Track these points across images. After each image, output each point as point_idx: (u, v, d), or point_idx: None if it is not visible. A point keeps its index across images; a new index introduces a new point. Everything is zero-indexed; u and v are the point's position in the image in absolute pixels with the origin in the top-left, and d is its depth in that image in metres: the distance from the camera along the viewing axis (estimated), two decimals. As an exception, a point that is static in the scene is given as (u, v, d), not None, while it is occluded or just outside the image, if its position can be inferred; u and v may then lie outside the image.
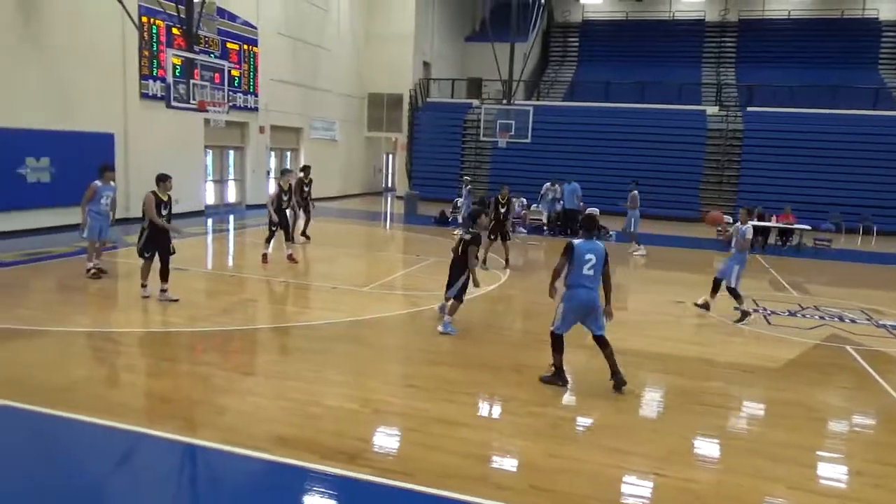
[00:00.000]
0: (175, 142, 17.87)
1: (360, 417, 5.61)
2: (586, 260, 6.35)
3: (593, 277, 6.41)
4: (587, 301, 6.46)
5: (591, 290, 6.46)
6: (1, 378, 6.00)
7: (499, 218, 13.07)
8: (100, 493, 4.45)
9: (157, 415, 5.56)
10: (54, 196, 14.61)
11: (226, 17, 19.53)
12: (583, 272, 6.39)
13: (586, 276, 6.40)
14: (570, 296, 6.50)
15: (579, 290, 6.44)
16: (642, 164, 24.99)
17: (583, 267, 6.38)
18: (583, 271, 6.39)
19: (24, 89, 13.88)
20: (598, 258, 6.40)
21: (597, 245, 6.49)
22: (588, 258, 6.35)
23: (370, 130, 30.06)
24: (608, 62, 34.35)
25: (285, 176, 12.86)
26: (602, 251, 6.46)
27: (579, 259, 6.38)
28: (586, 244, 6.46)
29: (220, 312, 8.97)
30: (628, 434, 5.55)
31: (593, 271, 6.39)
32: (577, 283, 6.43)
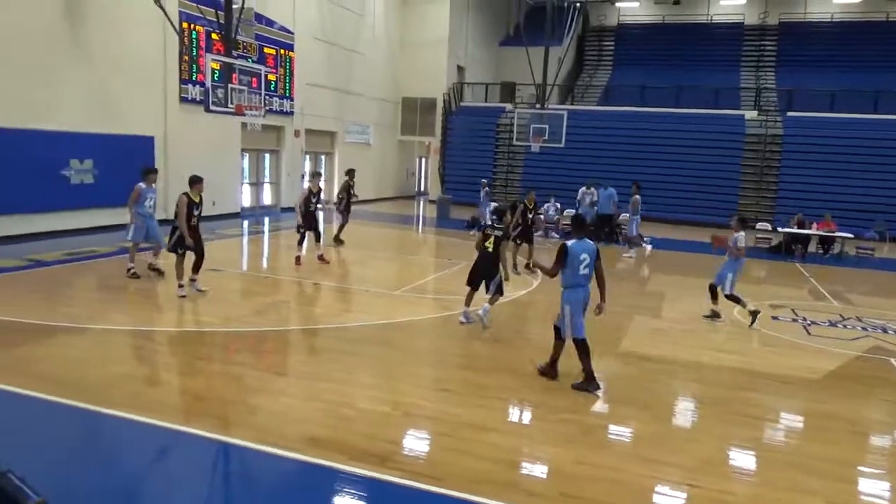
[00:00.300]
0: (213, 145, 18.22)
1: (390, 420, 5.62)
2: (581, 260, 6.59)
3: (588, 276, 6.66)
4: (586, 298, 6.69)
5: (587, 288, 6.70)
6: (45, 374, 6.17)
7: (526, 223, 13.00)
8: (136, 488, 4.53)
9: (191, 413, 5.66)
10: (97, 197, 15.01)
11: (263, 23, 19.84)
12: (579, 272, 6.62)
13: (583, 275, 6.64)
14: (571, 296, 6.66)
15: (578, 289, 6.65)
16: (678, 170, 24.69)
17: (578, 267, 6.61)
18: (579, 271, 6.62)
19: (69, 93, 14.30)
20: (591, 257, 6.65)
21: (588, 244, 6.69)
22: (583, 258, 6.59)
23: (403, 134, 30.21)
24: (644, 66, 33.97)
25: (315, 178, 13.01)
26: (594, 249, 6.68)
27: (574, 259, 6.59)
28: (579, 244, 6.66)
29: (254, 313, 9.09)
30: (662, 443, 5.45)
31: (588, 270, 6.64)
32: (575, 282, 6.64)
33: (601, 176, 23.40)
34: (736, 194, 24.54)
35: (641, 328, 9.33)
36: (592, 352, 6.66)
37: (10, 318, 7.96)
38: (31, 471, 2.65)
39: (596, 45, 38.00)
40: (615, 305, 10.62)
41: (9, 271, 10.62)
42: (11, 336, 7.37)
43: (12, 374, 6.08)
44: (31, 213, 13.69)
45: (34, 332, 7.51)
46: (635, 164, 24.82)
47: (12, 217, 13.19)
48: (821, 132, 24.54)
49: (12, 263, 11.11)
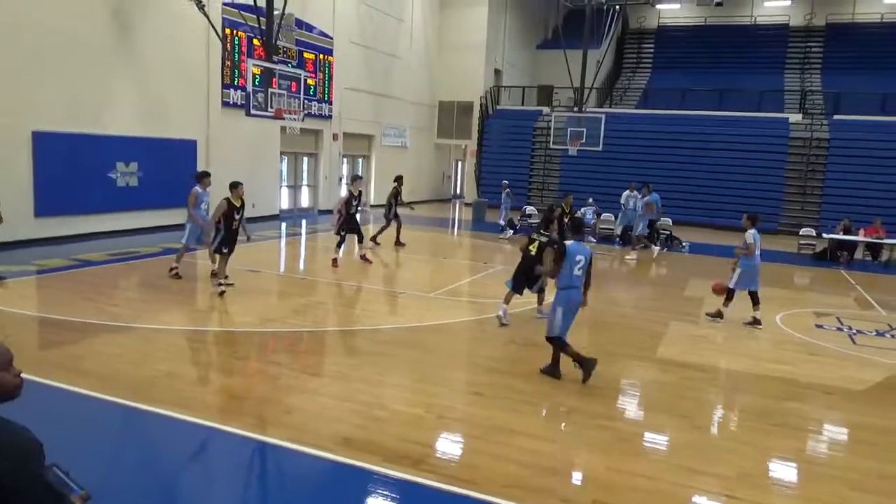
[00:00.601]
0: (253, 148, 18.55)
1: (424, 422, 5.64)
2: (577, 261, 6.68)
3: (580, 277, 6.76)
4: (578, 301, 6.80)
5: (580, 290, 6.82)
6: (90, 371, 6.37)
7: (562, 227, 12.88)
8: (174, 484, 4.64)
9: (229, 411, 5.76)
10: (141, 199, 15.43)
11: (303, 28, 20.15)
12: (574, 273, 6.71)
13: (577, 276, 6.74)
14: (565, 297, 6.74)
15: (572, 290, 6.74)
16: (720, 174, 24.23)
17: (574, 268, 6.70)
18: (574, 272, 6.71)
19: (116, 98, 14.73)
20: (587, 259, 6.75)
21: (585, 249, 6.85)
22: (578, 259, 6.69)
23: (440, 137, 30.30)
24: (684, 69, 33.44)
25: (355, 182, 13.15)
26: (590, 253, 6.83)
27: (571, 260, 6.69)
28: (577, 246, 6.79)
29: (291, 314, 9.22)
30: (700, 453, 5.35)
31: (582, 272, 6.73)
32: (569, 284, 6.73)
33: (639, 179, 23.12)
34: (779, 199, 23.97)
35: (680, 335, 9.18)
36: (633, 357, 6.58)
37: (60, 316, 8.23)
38: (75, 465, 2.73)
39: (635, 48, 37.56)
40: (654, 311, 10.51)
41: (58, 271, 10.99)
42: (61, 334, 7.63)
43: (62, 371, 6.28)
44: (79, 215, 14.13)
45: (82, 330, 7.75)
46: (675, 168, 24.46)
47: (61, 218, 13.64)
48: (869, 135, 23.79)
49: (61, 263, 11.49)
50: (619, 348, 8.28)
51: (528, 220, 21.09)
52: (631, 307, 10.88)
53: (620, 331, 9.25)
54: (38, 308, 9.01)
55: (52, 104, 13.29)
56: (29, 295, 9.82)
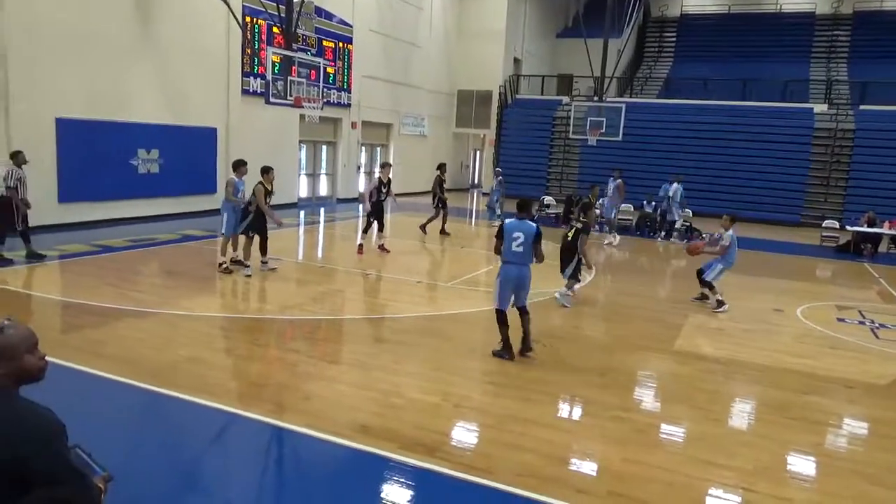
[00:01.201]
0: (272, 136, 18.63)
1: (440, 411, 5.67)
2: (514, 237, 6.89)
3: (522, 254, 6.92)
4: (516, 276, 6.97)
5: (521, 266, 6.98)
6: (113, 355, 6.47)
7: None
8: (194, 468, 4.71)
9: (248, 397, 5.83)
10: (162, 186, 15.59)
11: (323, 16, 20.14)
12: (511, 248, 6.93)
13: (515, 252, 6.93)
14: (502, 271, 7.04)
15: (508, 266, 6.99)
16: (742, 165, 23.93)
17: (511, 244, 6.92)
18: (511, 247, 6.93)
19: (138, 86, 14.87)
20: (527, 236, 6.89)
21: (527, 225, 6.97)
22: (516, 236, 6.89)
23: (458, 126, 30.21)
24: (707, 58, 32.99)
25: (385, 168, 13.17)
26: (531, 230, 6.92)
27: (508, 236, 6.93)
28: (516, 223, 6.99)
29: (310, 301, 9.29)
30: (717, 445, 5.32)
31: (522, 248, 6.90)
32: (507, 259, 7.00)
33: (659, 169, 22.91)
34: (802, 191, 23.63)
35: (698, 327, 9.11)
36: (651, 349, 6.54)
37: (82, 300, 8.37)
38: (97, 447, 2.79)
39: (657, 37, 37.10)
40: (673, 303, 10.43)
41: (79, 256, 11.16)
42: (83, 318, 7.76)
43: (84, 354, 6.39)
44: (101, 201, 14.31)
45: (104, 314, 7.87)
46: (696, 159, 24.20)
47: (83, 204, 13.83)
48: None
49: (82, 248, 11.66)
50: (637, 340, 8.25)
51: (546, 210, 21.00)
52: (649, 299, 10.81)
53: (638, 322, 9.20)
54: (61, 292, 9.17)
55: (75, 91, 13.45)
56: (52, 279, 9.99)
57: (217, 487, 4.47)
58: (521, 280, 7.00)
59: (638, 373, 7.17)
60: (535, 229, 6.94)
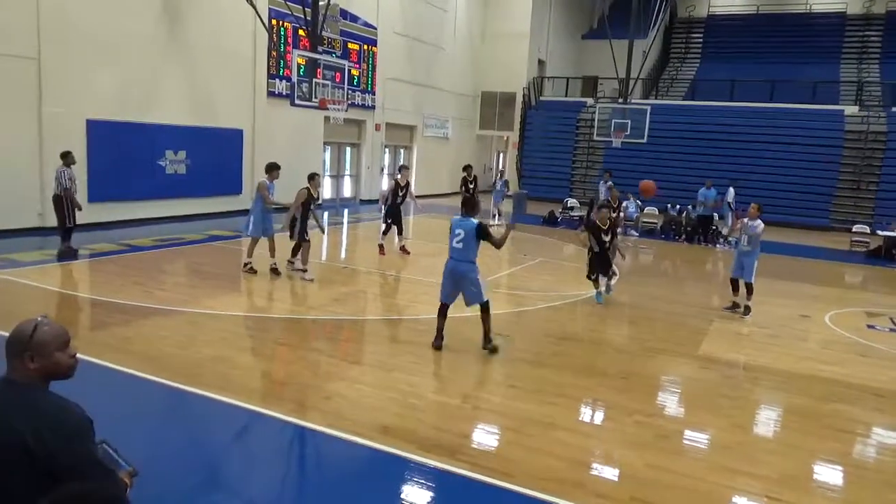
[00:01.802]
0: (297, 138, 18.79)
1: (460, 413, 5.66)
2: (456, 234, 7.16)
3: (461, 250, 7.13)
4: (453, 270, 7.23)
5: (459, 262, 7.19)
6: (140, 353, 6.57)
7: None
8: (216, 465, 4.76)
9: (271, 396, 5.89)
10: (189, 187, 15.81)
11: (348, 18, 20.27)
12: (452, 244, 7.21)
13: (455, 248, 7.19)
14: (445, 266, 7.32)
15: (448, 261, 7.27)
16: (770, 168, 23.58)
17: (452, 240, 7.20)
18: (452, 244, 7.21)
19: (166, 88, 15.10)
20: (468, 233, 7.11)
21: (468, 222, 7.18)
22: (457, 232, 7.15)
23: (482, 129, 30.18)
24: (734, 59, 32.55)
25: (403, 171, 13.20)
26: (472, 227, 7.12)
27: (451, 233, 7.23)
28: (458, 221, 7.25)
29: (332, 302, 9.34)
30: (742, 453, 5.24)
31: (462, 244, 7.12)
32: (449, 255, 7.26)
33: (686, 173, 22.70)
34: (831, 194, 23.21)
35: (722, 332, 8.99)
36: (674, 353, 6.47)
37: (110, 298, 8.52)
38: (123, 443, 2.83)
39: (683, 37, 36.71)
40: (699, 307, 10.30)
41: (107, 255, 11.36)
42: (112, 316, 7.89)
43: (112, 351, 6.50)
44: (129, 201, 14.56)
45: (131, 312, 8.00)
46: (723, 162, 23.87)
47: (112, 204, 14.07)
48: (930, 129, 22.83)
49: (110, 248, 11.86)
50: (661, 344, 8.17)
51: (569, 212, 20.90)
52: (674, 302, 10.69)
53: (663, 326, 9.11)
54: (90, 290, 9.34)
55: (104, 93, 13.70)
56: (81, 278, 10.19)
57: (239, 485, 4.52)
58: (458, 274, 7.20)
59: (661, 377, 7.10)
60: (476, 225, 7.16)
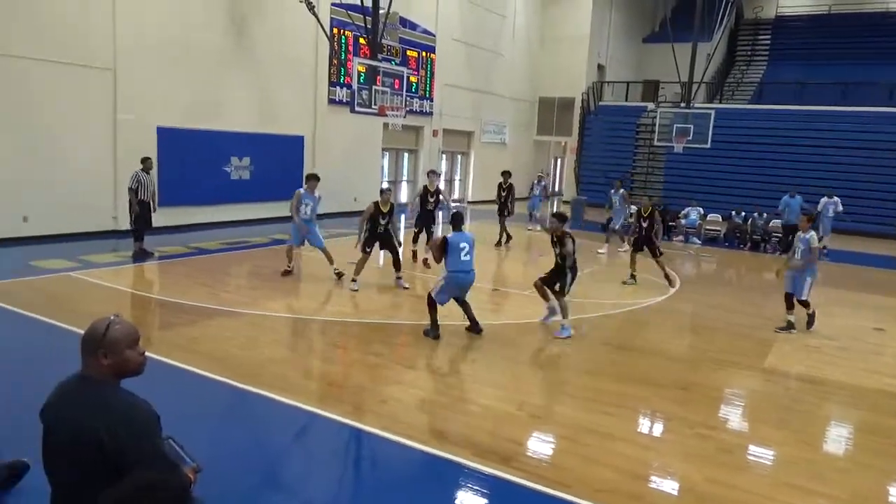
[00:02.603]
0: (356, 144, 19.13)
1: (515, 420, 5.63)
2: (461, 248, 7.67)
3: (470, 261, 7.76)
4: (467, 282, 7.84)
5: (470, 273, 7.82)
6: (206, 353, 6.80)
7: (640, 232, 12.04)
8: (274, 464, 4.88)
9: (328, 397, 5.99)
10: (253, 192, 16.29)
11: (407, 26, 20.51)
12: (461, 258, 7.68)
13: (464, 261, 7.71)
14: (452, 278, 7.72)
15: (459, 274, 7.72)
16: (841, 174, 22.53)
17: (460, 254, 7.67)
18: (461, 258, 7.68)
19: (233, 96, 15.63)
20: (471, 245, 7.80)
21: (466, 235, 7.90)
22: (462, 246, 7.69)
23: (539, 134, 30.00)
24: (804, 61, 31.32)
25: (431, 177, 13.11)
26: (472, 239, 7.89)
27: (454, 248, 7.67)
28: (458, 236, 7.79)
29: (389, 306, 9.44)
30: (809, 470, 5.03)
31: (469, 256, 7.73)
32: (458, 268, 7.70)
33: (751, 179, 22.00)
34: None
35: (790, 344, 8.64)
36: (737, 365, 6.26)
37: (178, 300, 8.85)
38: (188, 439, 2.94)
39: (750, 39, 35.57)
40: (764, 318, 9.93)
41: (176, 258, 11.81)
42: (178, 316, 8.20)
43: (178, 350, 6.76)
44: (196, 206, 15.10)
45: (196, 313, 8.29)
46: (790, 167, 22.98)
47: (180, 208, 14.62)
48: None
49: (178, 250, 12.33)
50: (724, 355, 7.91)
51: (628, 219, 20.51)
52: (738, 313, 10.34)
53: (725, 337, 8.84)
54: (159, 291, 9.73)
55: (174, 101, 14.29)
56: (151, 279, 10.62)
57: (296, 485, 4.61)
58: (470, 283, 7.88)
59: (724, 389, 6.88)
60: (473, 238, 7.97)
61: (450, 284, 7.78)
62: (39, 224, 12.25)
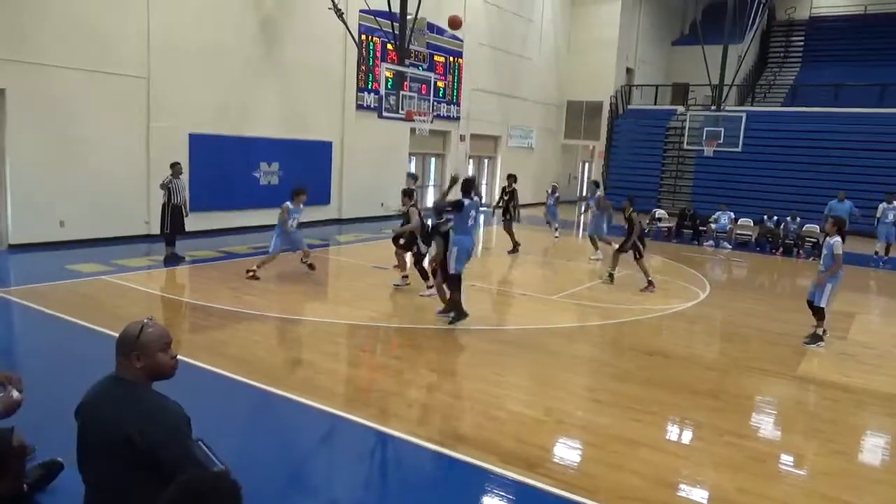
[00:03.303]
0: (383, 149, 19.22)
1: (542, 426, 5.60)
2: (471, 215, 8.38)
3: (474, 226, 8.62)
4: (472, 245, 8.56)
5: (472, 238, 8.55)
6: (234, 356, 6.89)
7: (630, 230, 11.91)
8: (299, 466, 4.92)
9: (353, 401, 6.02)
10: (281, 197, 16.31)
11: (434, 32, 20.58)
12: (470, 224, 8.42)
13: (471, 226, 8.47)
14: (461, 242, 8.26)
15: (466, 238, 8.32)
16: (879, 177, 21.99)
17: (468, 220, 8.35)
18: (468, 223, 8.36)
19: (262, 102, 15.83)
20: (477, 212, 8.60)
21: (475, 202, 8.58)
22: (472, 214, 8.42)
23: (567, 138, 29.83)
24: (838, 62, 30.68)
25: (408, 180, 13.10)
26: (478, 205, 8.78)
27: (466, 214, 8.25)
28: (471, 203, 8.35)
29: (415, 310, 9.46)
30: (843, 480, 4.91)
31: (474, 223, 8.57)
32: (465, 231, 8.34)
33: (783, 182, 21.62)
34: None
35: (824, 351, 8.45)
36: (769, 372, 6.15)
37: (207, 303, 8.98)
38: (217, 441, 2.97)
39: (782, 41, 34.96)
40: (797, 324, 9.72)
41: (206, 262, 11.99)
42: (207, 319, 8.32)
43: (207, 353, 6.85)
44: (226, 211, 15.32)
45: (225, 316, 8.41)
46: (825, 171, 22.50)
47: (211, 213, 14.85)
48: None
49: (209, 255, 12.52)
50: (755, 362, 7.77)
51: (657, 223, 20.30)
52: (770, 319, 10.15)
53: (757, 344, 8.68)
54: (190, 295, 9.89)
55: (205, 108, 14.52)
56: (182, 283, 10.81)
57: (322, 487, 4.64)
58: (473, 248, 8.58)
59: (755, 397, 6.75)
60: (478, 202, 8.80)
61: (461, 250, 8.25)
62: (75, 229, 12.53)
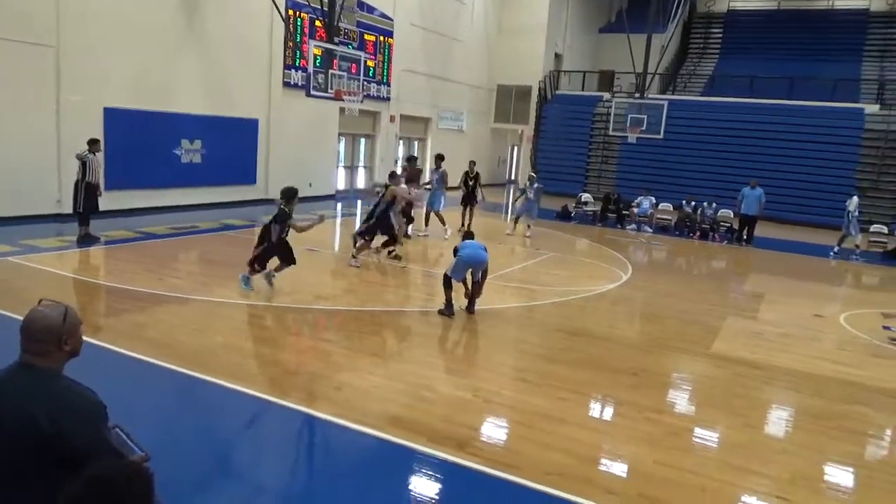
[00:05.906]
0: (312, 128, 18.82)
1: (470, 406, 5.67)
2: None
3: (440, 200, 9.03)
4: (483, 260, 8.35)
5: (485, 251, 8.44)
6: (153, 339, 6.63)
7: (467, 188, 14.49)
8: (224, 451, 4.80)
9: (281, 384, 5.91)
10: (203, 176, 15.88)
11: (364, 10, 20.23)
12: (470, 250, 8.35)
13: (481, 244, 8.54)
14: (469, 255, 8.26)
15: (479, 251, 8.35)
16: (788, 166, 23.29)
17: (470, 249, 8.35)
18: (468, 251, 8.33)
19: (183, 77, 15.16)
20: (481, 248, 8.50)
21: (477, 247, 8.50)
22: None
23: (497, 122, 30.07)
24: (754, 55, 32.14)
25: (411, 163, 13.07)
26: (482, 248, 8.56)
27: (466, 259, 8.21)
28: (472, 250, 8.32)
29: (344, 293, 9.37)
30: (752, 452, 5.21)
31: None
32: (475, 245, 8.42)
33: (701, 169, 22.49)
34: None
35: (735, 330, 8.92)
36: (686, 351, 6.43)
37: (125, 285, 8.59)
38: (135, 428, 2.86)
39: (702, 33, 36.31)
40: (711, 304, 10.23)
41: (123, 242, 11.46)
42: (125, 303, 7.97)
43: (125, 338, 6.56)
44: (144, 189, 14.65)
45: (144, 299, 8.07)
46: (740, 158, 23.62)
47: (128, 192, 14.17)
48: (953, 129, 22.42)
49: (126, 235, 11.97)
50: (672, 341, 8.12)
51: (583, 207, 20.81)
52: (686, 300, 10.62)
53: (674, 323, 9.07)
54: (105, 277, 9.44)
55: (122, 82, 13.78)
56: (96, 264, 10.29)
57: (247, 472, 4.55)
58: (485, 262, 8.37)
59: (672, 374, 7.07)
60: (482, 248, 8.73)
61: (467, 261, 8.28)
62: (-23, 207, 11.71)
